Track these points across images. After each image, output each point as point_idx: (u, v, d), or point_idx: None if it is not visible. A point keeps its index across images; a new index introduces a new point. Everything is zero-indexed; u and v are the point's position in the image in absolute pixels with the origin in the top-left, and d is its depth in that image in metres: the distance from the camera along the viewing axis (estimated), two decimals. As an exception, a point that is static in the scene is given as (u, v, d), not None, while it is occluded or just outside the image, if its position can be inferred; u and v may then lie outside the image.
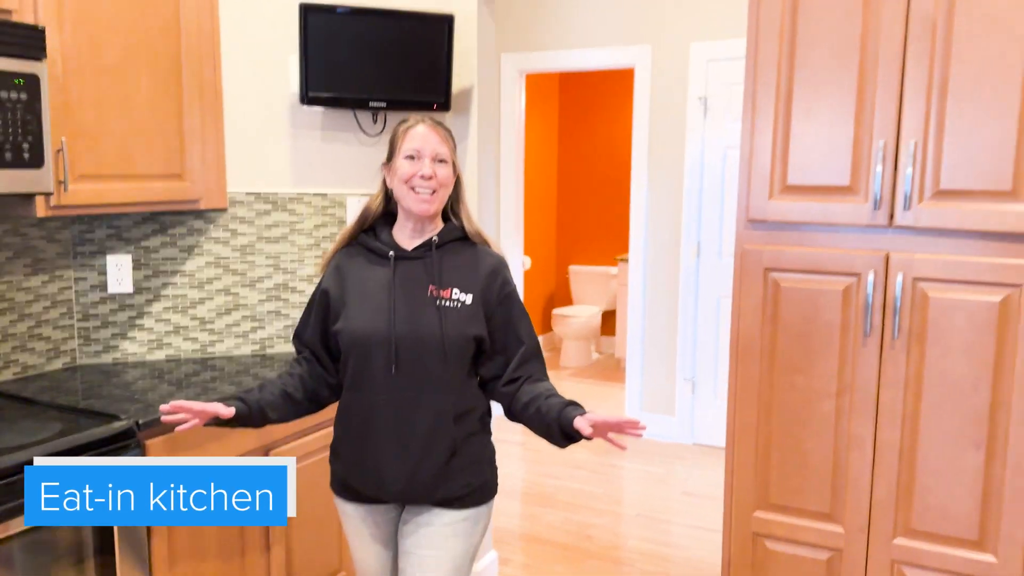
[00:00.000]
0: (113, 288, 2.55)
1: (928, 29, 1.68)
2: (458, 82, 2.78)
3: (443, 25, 2.61)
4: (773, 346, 1.88)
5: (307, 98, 2.57)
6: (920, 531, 1.79)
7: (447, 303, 1.76)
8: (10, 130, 1.94)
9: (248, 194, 2.67)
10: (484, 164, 2.86)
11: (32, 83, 1.99)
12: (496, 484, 1.88)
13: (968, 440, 1.73)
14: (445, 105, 2.69)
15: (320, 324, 1.86)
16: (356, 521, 1.91)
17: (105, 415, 2.05)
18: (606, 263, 6.70)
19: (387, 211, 1.87)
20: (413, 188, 1.75)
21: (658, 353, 4.75)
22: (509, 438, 4.65)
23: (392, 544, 1.91)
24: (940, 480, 1.76)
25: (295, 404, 1.86)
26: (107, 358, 2.59)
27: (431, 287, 1.77)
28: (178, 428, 1.73)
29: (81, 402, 2.21)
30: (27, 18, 2.04)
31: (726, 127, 4.39)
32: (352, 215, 2.76)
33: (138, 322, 2.61)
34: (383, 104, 2.64)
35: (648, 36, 4.53)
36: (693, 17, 4.39)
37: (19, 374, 2.40)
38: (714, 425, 4.62)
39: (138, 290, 2.60)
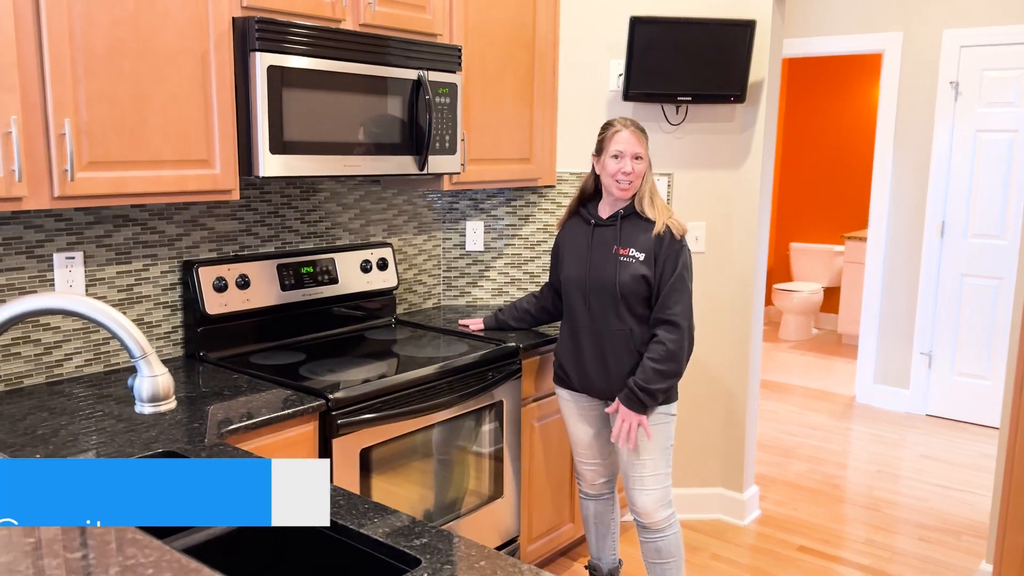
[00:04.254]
0: (470, 247, 3.25)
1: None
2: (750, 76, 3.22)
3: (746, 30, 3.07)
4: (1065, 306, 2.21)
5: (628, 95, 3.12)
6: None
7: (624, 258, 2.39)
8: (440, 125, 2.63)
9: (571, 174, 3.27)
10: (767, 151, 3.29)
11: (452, 90, 2.66)
12: (676, 392, 2.45)
13: None
14: (740, 98, 3.15)
15: (553, 268, 2.67)
16: (570, 404, 2.60)
17: (493, 340, 2.72)
18: (829, 241, 6.88)
19: (596, 189, 2.51)
20: (616, 180, 2.38)
21: (894, 327, 4.97)
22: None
23: (594, 424, 2.58)
24: None
25: (532, 319, 2.80)
26: (461, 301, 3.30)
27: (615, 247, 2.41)
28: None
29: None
30: (447, 40, 2.72)
31: (977, 111, 4.52)
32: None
33: (485, 274, 3.30)
34: (689, 99, 3.14)
35: (899, 23, 4.73)
36: (946, 5, 4.55)
37: (407, 310, 3.15)
38: (949, 398, 4.80)
39: (487, 249, 3.28)
